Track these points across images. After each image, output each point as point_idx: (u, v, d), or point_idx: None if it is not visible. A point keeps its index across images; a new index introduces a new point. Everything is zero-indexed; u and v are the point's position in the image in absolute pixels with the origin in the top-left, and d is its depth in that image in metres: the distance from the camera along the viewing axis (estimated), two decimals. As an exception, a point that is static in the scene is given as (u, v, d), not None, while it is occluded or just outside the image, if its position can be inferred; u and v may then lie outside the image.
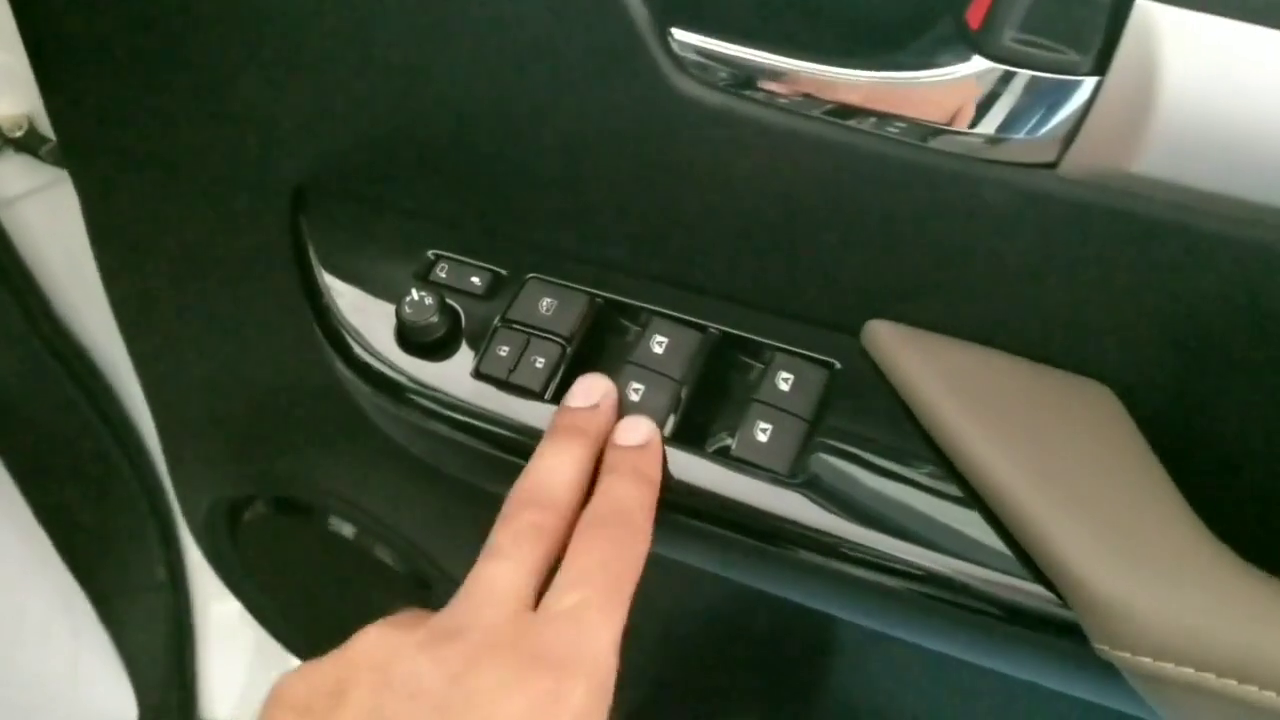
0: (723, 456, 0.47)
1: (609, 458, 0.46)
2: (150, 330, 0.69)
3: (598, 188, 0.49)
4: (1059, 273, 0.42)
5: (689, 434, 0.48)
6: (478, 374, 0.50)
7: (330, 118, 0.51)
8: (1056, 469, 0.43)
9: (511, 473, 0.51)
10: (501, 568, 0.40)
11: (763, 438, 0.47)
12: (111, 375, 0.92)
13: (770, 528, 0.46)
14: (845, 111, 0.41)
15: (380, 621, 0.40)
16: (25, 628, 0.90)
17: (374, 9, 0.46)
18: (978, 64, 0.38)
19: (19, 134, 0.78)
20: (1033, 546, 0.43)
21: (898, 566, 0.44)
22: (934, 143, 0.40)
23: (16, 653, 0.89)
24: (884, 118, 0.40)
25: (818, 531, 0.45)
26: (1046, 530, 0.42)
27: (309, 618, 0.84)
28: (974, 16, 0.37)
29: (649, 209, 0.48)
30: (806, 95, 0.41)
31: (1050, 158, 0.39)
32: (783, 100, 0.42)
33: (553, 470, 0.44)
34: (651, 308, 0.51)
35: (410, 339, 0.51)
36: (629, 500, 0.44)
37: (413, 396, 0.51)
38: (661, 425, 0.48)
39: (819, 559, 0.46)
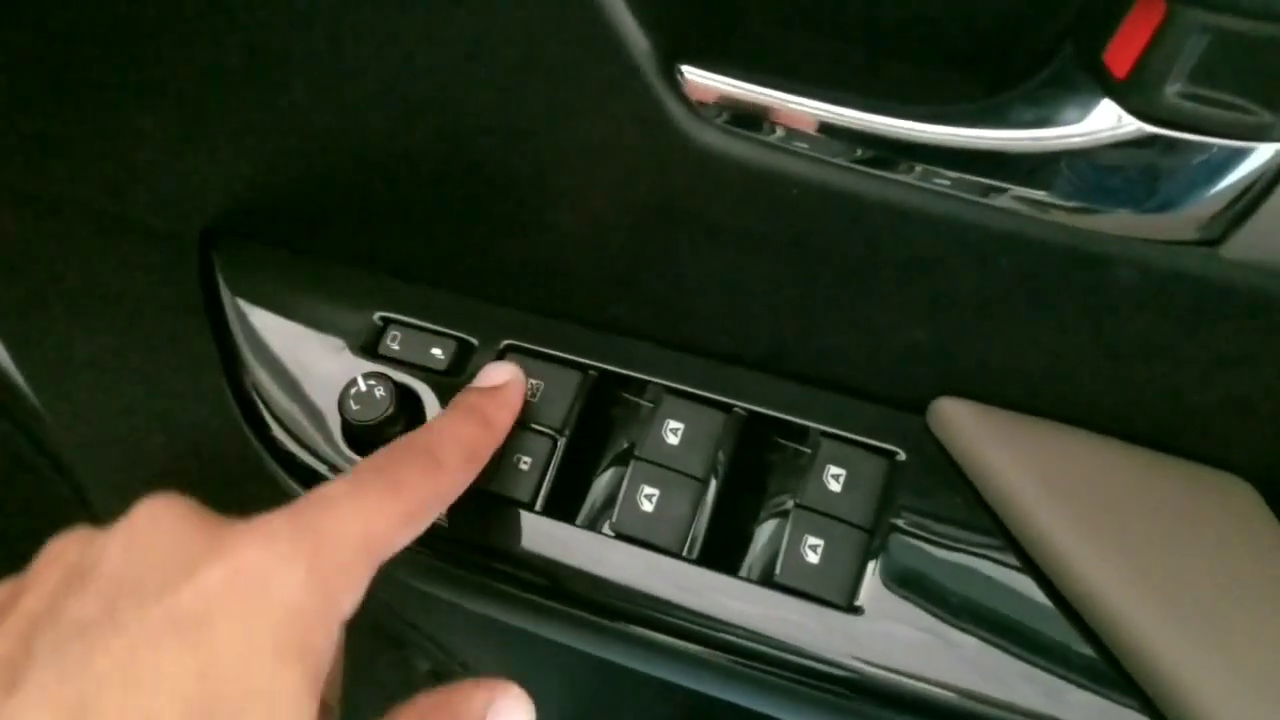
0: (764, 583, 0.38)
1: (456, 396, 0.38)
2: (39, 361, 0.58)
3: (591, 238, 0.38)
4: (1198, 358, 0.33)
5: (719, 551, 0.38)
6: (448, 479, 0.40)
7: (245, 149, 0.40)
8: (1194, 593, 0.34)
9: (502, 599, 0.41)
10: None
11: (813, 557, 0.37)
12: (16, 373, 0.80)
13: (826, 672, 0.37)
14: (923, 173, 0.30)
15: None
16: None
17: (297, 28, 0.34)
18: (1125, 124, 0.27)
19: None
20: (1164, 696, 0.34)
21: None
22: (1050, 215, 0.30)
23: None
24: (980, 185, 0.30)
25: (885, 677, 0.36)
26: (1183, 678, 0.34)
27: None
28: (1117, 61, 0.26)
29: (655, 264, 0.38)
30: (869, 151, 0.30)
31: (1211, 235, 0.29)
32: (837, 159, 0.31)
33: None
34: (661, 381, 0.40)
35: (359, 436, 0.41)
36: (444, 434, 0.35)
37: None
38: (684, 540, 0.38)
39: (889, 713, 0.37)
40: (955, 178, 0.30)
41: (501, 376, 0.39)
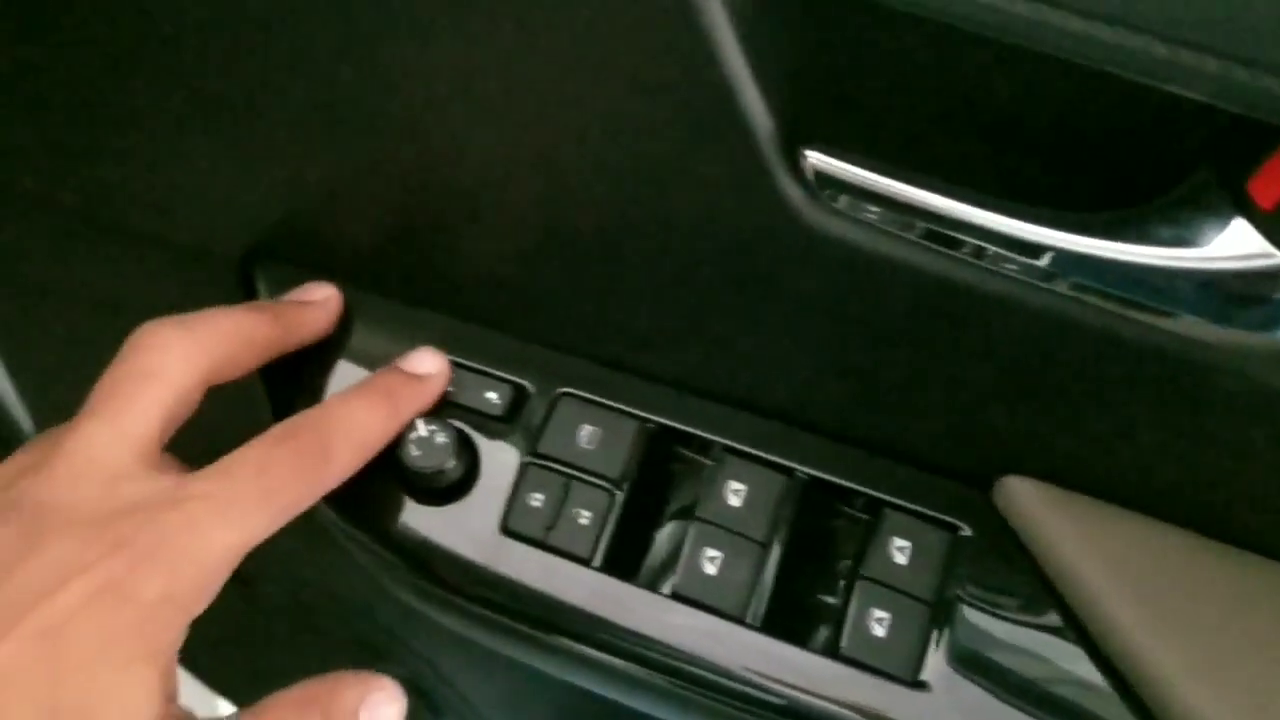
0: (829, 654, 0.37)
1: (374, 375, 0.39)
2: (38, 370, 0.55)
3: (666, 295, 0.37)
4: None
5: (782, 620, 0.38)
6: (506, 530, 0.39)
7: (296, 172, 0.38)
8: (1267, 692, 0.35)
9: (553, 654, 0.41)
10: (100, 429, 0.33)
11: (880, 630, 0.37)
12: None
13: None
14: (1046, 275, 0.30)
15: None
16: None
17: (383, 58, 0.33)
18: (1268, 255, 0.27)
19: None
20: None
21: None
22: (1165, 324, 0.30)
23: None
24: (1097, 291, 0.30)
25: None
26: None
27: (232, 660, 0.72)
28: (1263, 192, 0.26)
29: (729, 325, 0.37)
30: (996, 251, 0.30)
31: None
32: (957, 253, 0.31)
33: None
34: (722, 440, 0.40)
35: (416, 483, 0.40)
36: (344, 421, 0.35)
37: (419, 555, 0.40)
38: (745, 605, 0.38)
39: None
40: (1079, 283, 0.30)
41: (426, 367, 0.39)
